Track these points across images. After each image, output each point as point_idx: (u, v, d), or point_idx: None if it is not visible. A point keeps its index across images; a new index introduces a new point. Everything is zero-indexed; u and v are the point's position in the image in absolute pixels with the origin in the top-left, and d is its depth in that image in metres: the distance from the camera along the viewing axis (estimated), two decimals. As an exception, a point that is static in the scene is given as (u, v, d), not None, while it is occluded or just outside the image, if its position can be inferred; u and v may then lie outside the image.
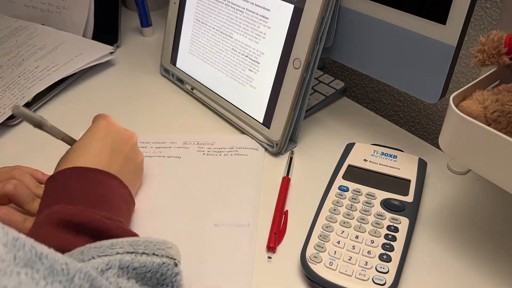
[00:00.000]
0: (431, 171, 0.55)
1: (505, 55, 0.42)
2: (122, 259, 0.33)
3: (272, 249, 0.47)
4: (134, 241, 0.35)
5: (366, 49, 0.56)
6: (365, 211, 0.48)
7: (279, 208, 0.51)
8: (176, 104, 0.70)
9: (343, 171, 0.53)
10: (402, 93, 0.75)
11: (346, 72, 0.82)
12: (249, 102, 0.62)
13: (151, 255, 0.34)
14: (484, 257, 0.46)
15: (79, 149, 0.46)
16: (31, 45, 0.77)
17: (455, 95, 0.41)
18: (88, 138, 0.47)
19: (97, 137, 0.47)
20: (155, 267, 0.34)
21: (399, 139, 0.61)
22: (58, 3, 0.83)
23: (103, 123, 0.49)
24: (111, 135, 0.48)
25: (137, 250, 0.34)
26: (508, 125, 0.41)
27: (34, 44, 0.77)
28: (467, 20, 0.45)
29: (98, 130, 0.48)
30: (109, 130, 0.49)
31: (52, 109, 0.70)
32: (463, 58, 0.63)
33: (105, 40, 0.83)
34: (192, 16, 0.69)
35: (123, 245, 0.34)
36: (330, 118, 0.66)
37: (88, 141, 0.47)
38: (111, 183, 0.44)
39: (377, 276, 0.42)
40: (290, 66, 0.55)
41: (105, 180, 0.44)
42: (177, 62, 0.73)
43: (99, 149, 0.46)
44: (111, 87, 0.75)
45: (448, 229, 0.49)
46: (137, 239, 0.35)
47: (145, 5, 0.84)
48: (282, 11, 0.56)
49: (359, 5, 0.54)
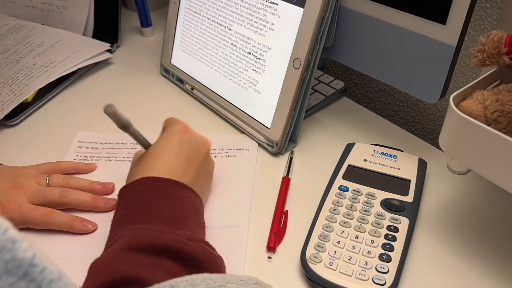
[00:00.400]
0: (431, 171, 0.55)
1: (505, 55, 0.42)
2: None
3: (272, 249, 0.47)
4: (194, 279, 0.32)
5: (366, 49, 0.56)
6: (365, 211, 0.48)
7: (279, 208, 0.51)
8: (176, 104, 0.70)
9: (343, 171, 0.53)
10: (402, 93, 0.75)
11: (346, 72, 0.82)
12: (249, 102, 0.61)
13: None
14: (484, 257, 0.46)
15: (154, 156, 0.45)
16: (29, 43, 0.77)
17: (455, 95, 0.41)
18: (164, 143, 0.46)
19: (173, 143, 0.46)
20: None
21: (399, 139, 0.61)
22: (58, 3, 0.83)
23: (178, 128, 0.47)
24: (186, 141, 0.47)
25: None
26: (508, 125, 0.41)
27: (32, 42, 0.77)
28: (467, 20, 0.45)
29: (174, 136, 0.46)
30: (185, 136, 0.47)
31: (52, 109, 0.70)
32: (463, 58, 0.63)
33: (105, 40, 0.82)
34: (184, 6, 0.69)
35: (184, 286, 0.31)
36: (330, 118, 0.66)
37: (164, 147, 0.46)
38: (187, 196, 0.43)
39: (377, 276, 0.42)
40: (290, 66, 0.55)
41: (181, 193, 0.43)
42: (173, 60, 0.73)
43: (175, 156, 0.45)
44: (111, 87, 0.75)
45: (448, 229, 0.49)
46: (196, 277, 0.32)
47: (145, 5, 0.84)
48: (285, 10, 0.56)
49: (359, 5, 0.54)
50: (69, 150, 0.61)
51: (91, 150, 0.61)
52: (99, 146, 0.62)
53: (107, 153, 0.61)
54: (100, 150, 0.61)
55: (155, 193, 0.41)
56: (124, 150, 0.61)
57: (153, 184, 0.42)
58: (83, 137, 0.63)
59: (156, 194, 0.41)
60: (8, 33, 0.81)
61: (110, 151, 0.61)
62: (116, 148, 0.62)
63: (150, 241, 0.36)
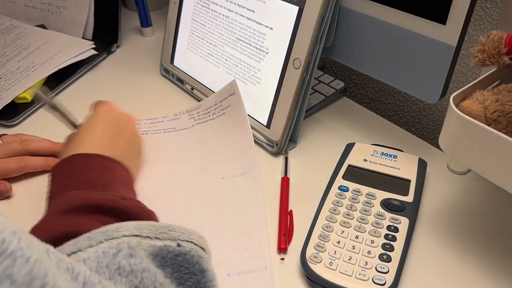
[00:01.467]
0: (431, 171, 0.55)
1: (505, 55, 0.42)
2: (130, 241, 0.33)
3: (283, 250, 0.47)
4: (139, 224, 0.35)
5: (366, 49, 0.56)
6: (365, 211, 0.48)
7: (284, 208, 0.51)
8: (176, 104, 0.70)
9: (343, 171, 0.53)
10: (402, 93, 0.75)
11: (346, 72, 0.82)
12: (249, 102, 0.61)
13: (154, 239, 0.34)
14: (484, 257, 0.46)
15: (82, 135, 0.48)
16: (18, 45, 0.77)
17: (455, 95, 0.41)
18: (91, 123, 0.49)
19: (99, 121, 0.49)
20: (156, 250, 0.34)
21: (399, 139, 0.61)
22: (58, 3, 0.83)
23: (104, 108, 0.51)
24: (112, 119, 0.50)
25: (141, 233, 0.34)
26: (508, 125, 0.41)
27: (20, 44, 0.77)
28: (467, 20, 0.45)
29: (100, 115, 0.50)
30: (111, 114, 0.51)
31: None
32: (463, 58, 0.63)
33: (105, 40, 0.83)
34: (190, 16, 0.69)
35: (128, 228, 0.34)
36: (330, 118, 0.66)
37: (91, 126, 0.49)
38: (114, 167, 0.46)
39: (377, 276, 0.42)
40: (290, 66, 0.55)
41: (108, 164, 0.45)
42: (176, 61, 0.73)
43: (101, 134, 0.48)
44: (110, 87, 0.74)
45: (448, 229, 0.49)
46: (141, 223, 0.35)
47: (145, 5, 0.84)
48: (285, 10, 0.56)
49: (359, 5, 0.54)
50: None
51: None
52: None
53: None
54: None
55: (84, 166, 0.44)
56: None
57: (81, 159, 0.45)
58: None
59: (84, 167, 0.44)
60: (1, 33, 0.81)
61: None
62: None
63: (82, 201, 0.38)
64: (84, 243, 0.32)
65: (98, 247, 0.32)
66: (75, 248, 0.31)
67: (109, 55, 0.82)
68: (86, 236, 0.33)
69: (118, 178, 0.45)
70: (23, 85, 0.69)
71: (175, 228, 0.36)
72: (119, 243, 0.32)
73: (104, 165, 0.45)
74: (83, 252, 0.31)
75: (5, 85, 0.69)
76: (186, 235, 0.36)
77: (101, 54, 0.80)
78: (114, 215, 0.38)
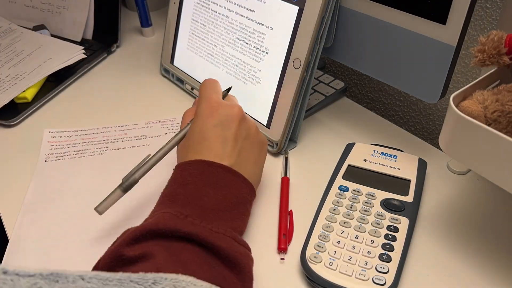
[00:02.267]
0: (431, 171, 0.55)
1: (505, 55, 0.42)
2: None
3: (283, 250, 0.47)
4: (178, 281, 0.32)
5: (366, 49, 0.56)
6: (365, 211, 0.48)
7: (284, 208, 0.51)
8: (176, 104, 0.70)
9: (343, 171, 0.53)
10: (402, 93, 0.75)
11: (346, 72, 0.82)
12: (249, 102, 0.61)
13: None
14: (484, 257, 0.46)
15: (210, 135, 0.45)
16: (11, 51, 0.77)
17: (455, 95, 0.41)
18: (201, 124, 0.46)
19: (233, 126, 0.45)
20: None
21: (399, 139, 0.61)
22: (58, 3, 0.83)
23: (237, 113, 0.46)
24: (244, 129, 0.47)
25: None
26: (508, 125, 0.41)
27: (14, 50, 0.77)
28: (467, 20, 0.45)
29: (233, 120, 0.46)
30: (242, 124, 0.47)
31: (52, 109, 0.70)
32: (463, 58, 0.63)
33: (105, 40, 0.83)
34: (190, 16, 0.69)
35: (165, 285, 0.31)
36: (330, 118, 0.66)
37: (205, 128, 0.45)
38: (233, 183, 0.43)
39: (377, 276, 0.42)
40: (290, 66, 0.55)
41: (227, 180, 0.43)
42: (176, 61, 0.73)
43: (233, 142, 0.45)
44: (110, 87, 0.74)
45: (448, 229, 0.49)
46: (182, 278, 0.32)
47: (145, 5, 0.84)
48: (285, 10, 0.56)
49: (359, 5, 0.54)
50: (43, 141, 0.62)
51: (65, 138, 0.62)
52: (72, 134, 0.63)
53: (81, 139, 0.62)
54: (74, 138, 0.62)
55: (202, 178, 0.42)
56: (98, 134, 0.63)
57: (202, 168, 0.43)
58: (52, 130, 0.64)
59: (202, 179, 0.42)
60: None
61: (84, 137, 0.62)
62: (89, 133, 0.63)
63: (174, 227, 0.37)
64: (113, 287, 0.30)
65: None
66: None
67: (109, 55, 0.83)
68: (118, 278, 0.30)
69: (232, 197, 0.42)
70: (8, 95, 0.67)
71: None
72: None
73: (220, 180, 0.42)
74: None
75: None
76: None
77: (101, 54, 0.80)
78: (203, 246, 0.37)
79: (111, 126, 0.65)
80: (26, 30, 0.81)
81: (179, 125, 0.62)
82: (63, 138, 0.62)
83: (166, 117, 0.66)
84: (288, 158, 0.58)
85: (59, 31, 0.83)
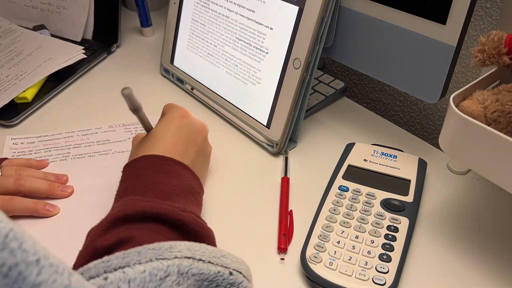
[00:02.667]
0: (431, 171, 0.55)
1: (505, 55, 0.42)
2: (181, 263, 0.32)
3: (283, 251, 0.47)
4: (192, 245, 0.34)
5: (366, 49, 0.56)
6: (365, 211, 0.48)
7: (284, 208, 0.51)
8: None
9: (343, 171, 0.53)
10: (402, 93, 0.75)
11: (346, 72, 0.82)
12: (249, 102, 0.62)
13: (207, 263, 0.34)
14: (484, 257, 0.46)
15: (156, 137, 0.47)
16: (11, 51, 0.76)
17: (455, 95, 0.41)
18: (165, 127, 0.48)
19: (173, 126, 0.48)
20: (212, 275, 0.33)
21: (399, 139, 0.61)
22: (58, 3, 0.83)
23: (178, 113, 0.50)
24: (186, 125, 0.49)
25: (195, 256, 0.33)
26: (508, 125, 0.41)
27: (14, 50, 0.77)
28: (467, 20, 0.45)
29: (174, 120, 0.49)
30: (185, 120, 0.49)
31: (52, 108, 0.70)
32: (463, 58, 0.63)
33: (105, 40, 0.83)
34: (190, 16, 0.69)
35: (181, 249, 0.33)
36: (330, 118, 0.66)
37: (165, 130, 0.48)
38: (185, 175, 0.45)
39: (377, 276, 0.42)
40: (290, 66, 0.55)
41: (178, 170, 0.45)
42: (176, 61, 0.73)
43: (176, 139, 0.47)
44: (110, 87, 0.74)
45: (448, 229, 0.49)
46: (194, 244, 0.34)
47: (145, 5, 0.84)
48: (285, 10, 0.56)
49: (359, 5, 0.54)
50: (4, 148, 0.61)
51: (27, 144, 0.62)
52: (34, 140, 0.63)
53: (44, 145, 0.62)
54: (36, 144, 0.62)
55: (153, 169, 0.43)
56: (61, 139, 0.62)
57: (152, 161, 0.44)
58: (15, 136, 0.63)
59: (154, 170, 0.43)
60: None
61: (47, 143, 0.62)
62: (52, 139, 0.63)
63: (142, 209, 0.38)
64: (133, 258, 0.31)
65: (147, 265, 0.31)
66: (123, 263, 0.31)
67: (109, 55, 0.83)
68: (137, 250, 0.32)
69: (185, 186, 0.44)
70: (8, 95, 0.67)
71: (227, 254, 0.35)
72: (169, 266, 0.31)
73: (173, 170, 0.44)
74: (131, 268, 0.31)
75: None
76: (236, 264, 0.35)
77: (101, 54, 0.80)
78: (171, 225, 0.38)
79: (74, 130, 0.64)
80: (26, 30, 0.81)
81: (142, 129, 0.62)
82: (25, 144, 0.62)
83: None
84: (288, 158, 0.58)
85: (59, 31, 0.83)
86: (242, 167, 0.58)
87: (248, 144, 0.62)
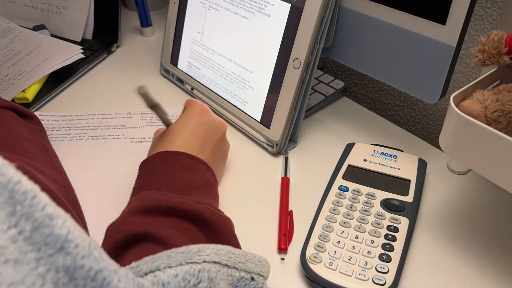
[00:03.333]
0: (431, 171, 0.55)
1: (506, 55, 0.42)
2: (210, 269, 0.32)
3: (284, 251, 0.47)
4: (219, 249, 0.34)
5: (366, 49, 0.55)
6: (365, 211, 0.48)
7: (284, 208, 0.51)
8: (176, 104, 0.70)
9: (343, 171, 0.53)
10: (402, 93, 0.75)
11: (346, 72, 0.82)
12: (249, 102, 0.62)
13: (232, 268, 0.34)
14: (484, 257, 0.46)
15: (173, 133, 0.48)
16: (10, 50, 0.76)
17: (455, 95, 0.41)
18: (183, 123, 0.49)
19: (192, 122, 0.49)
20: (235, 281, 0.34)
21: (399, 139, 0.61)
22: (58, 3, 0.83)
23: (197, 109, 0.51)
24: (205, 122, 0.50)
25: (221, 261, 0.33)
26: (509, 125, 0.41)
27: (13, 49, 0.77)
28: (467, 20, 0.45)
29: (193, 116, 0.50)
30: (203, 117, 0.50)
31: (52, 108, 0.70)
32: (463, 58, 0.63)
33: (105, 40, 0.83)
34: (190, 15, 0.69)
35: (209, 253, 0.33)
36: (330, 118, 0.66)
37: (183, 126, 0.49)
38: (199, 168, 0.46)
39: (377, 276, 0.42)
40: (290, 66, 0.55)
41: (192, 165, 0.45)
42: (176, 61, 0.73)
43: (193, 135, 0.48)
44: (110, 87, 0.74)
45: (448, 229, 0.49)
46: (221, 248, 0.35)
47: (145, 5, 0.84)
48: (279, 10, 0.56)
49: (359, 5, 0.54)
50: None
51: (52, 122, 0.65)
52: (59, 118, 0.66)
53: (66, 124, 0.65)
54: (60, 122, 0.65)
55: (168, 164, 0.44)
56: (82, 120, 0.66)
57: (166, 157, 0.45)
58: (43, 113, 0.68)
59: (168, 165, 0.44)
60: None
61: (69, 122, 0.66)
62: (75, 119, 0.66)
63: (157, 202, 0.39)
64: (163, 262, 0.32)
65: (177, 269, 0.31)
66: (153, 266, 0.31)
67: (109, 55, 0.83)
68: (166, 254, 0.32)
69: (200, 180, 0.45)
70: (7, 94, 0.68)
71: (251, 258, 0.36)
72: (200, 271, 0.32)
73: (187, 164, 0.45)
74: (162, 272, 0.31)
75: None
76: (259, 267, 0.36)
77: (101, 54, 0.80)
78: (187, 218, 0.38)
79: (95, 113, 0.67)
80: (25, 30, 0.81)
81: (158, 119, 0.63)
82: (50, 122, 0.65)
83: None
84: (288, 158, 0.58)
85: (59, 31, 0.83)
86: (242, 167, 0.58)
87: (248, 144, 0.62)
